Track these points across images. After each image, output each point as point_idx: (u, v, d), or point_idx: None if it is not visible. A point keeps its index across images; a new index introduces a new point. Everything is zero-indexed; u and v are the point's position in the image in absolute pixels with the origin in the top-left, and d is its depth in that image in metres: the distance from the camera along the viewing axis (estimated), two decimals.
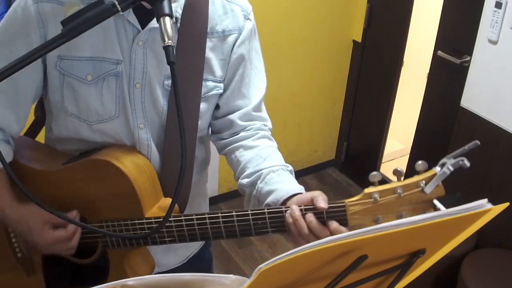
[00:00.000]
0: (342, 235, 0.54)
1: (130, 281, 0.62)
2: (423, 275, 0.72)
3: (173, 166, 1.07)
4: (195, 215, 0.98)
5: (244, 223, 0.95)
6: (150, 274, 1.08)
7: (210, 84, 1.08)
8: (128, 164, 1.00)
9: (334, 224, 0.92)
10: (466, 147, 0.81)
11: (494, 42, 2.08)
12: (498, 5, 2.03)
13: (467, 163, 0.80)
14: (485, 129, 2.21)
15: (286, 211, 0.94)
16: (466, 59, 2.34)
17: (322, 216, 0.92)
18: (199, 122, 1.08)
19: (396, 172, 0.88)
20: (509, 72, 2.05)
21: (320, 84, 3.19)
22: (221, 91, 1.11)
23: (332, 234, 0.92)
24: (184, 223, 0.98)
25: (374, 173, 0.88)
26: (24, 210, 1.02)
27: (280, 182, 1.02)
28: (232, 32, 1.08)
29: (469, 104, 2.26)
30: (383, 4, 2.89)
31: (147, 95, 1.03)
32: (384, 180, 0.86)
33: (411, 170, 0.85)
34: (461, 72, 2.36)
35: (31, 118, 1.21)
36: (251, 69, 1.13)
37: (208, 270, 1.39)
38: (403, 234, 0.55)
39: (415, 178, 0.87)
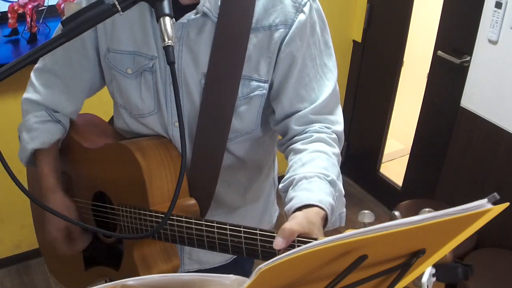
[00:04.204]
0: (342, 235, 0.54)
1: (130, 281, 0.62)
2: None
3: (203, 166, 1.05)
4: (184, 218, 0.94)
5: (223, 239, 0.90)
6: (170, 273, 1.07)
7: (254, 84, 1.00)
8: (149, 155, 1.01)
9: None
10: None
11: (494, 42, 2.08)
12: (498, 5, 2.02)
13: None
14: (485, 129, 2.21)
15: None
16: (466, 59, 2.34)
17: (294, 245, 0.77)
18: (239, 124, 1.03)
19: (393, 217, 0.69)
20: (509, 72, 2.05)
21: None
22: (265, 92, 1.01)
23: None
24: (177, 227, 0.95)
25: (365, 212, 0.70)
26: (60, 198, 1.11)
27: (305, 190, 0.87)
28: (279, 27, 0.96)
29: (469, 104, 2.26)
30: (383, 4, 2.89)
31: (184, 93, 1.01)
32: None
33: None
34: (461, 72, 2.36)
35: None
36: (313, 67, 1.01)
37: (250, 271, 1.38)
38: (403, 234, 0.55)
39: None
